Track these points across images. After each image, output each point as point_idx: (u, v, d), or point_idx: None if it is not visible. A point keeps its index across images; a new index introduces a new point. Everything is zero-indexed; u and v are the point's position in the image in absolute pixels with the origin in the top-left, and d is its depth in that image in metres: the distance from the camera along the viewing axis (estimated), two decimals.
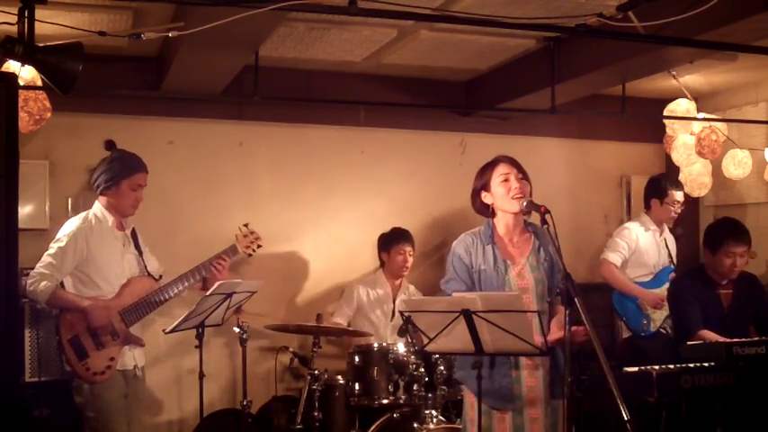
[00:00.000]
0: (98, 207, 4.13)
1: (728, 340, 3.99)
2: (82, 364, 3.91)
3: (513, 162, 3.47)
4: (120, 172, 4.08)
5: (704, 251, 4.57)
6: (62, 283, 4.02)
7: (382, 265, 5.55)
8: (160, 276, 4.28)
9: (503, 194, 3.41)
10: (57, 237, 4.04)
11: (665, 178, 5.53)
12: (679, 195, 5.39)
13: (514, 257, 3.43)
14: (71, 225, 4.06)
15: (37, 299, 3.96)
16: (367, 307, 5.41)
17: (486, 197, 3.48)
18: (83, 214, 4.12)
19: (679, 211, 5.43)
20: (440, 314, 3.07)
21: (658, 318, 5.23)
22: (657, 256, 5.40)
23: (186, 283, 4.25)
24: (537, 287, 3.39)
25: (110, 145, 4.18)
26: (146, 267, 4.24)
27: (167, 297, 4.18)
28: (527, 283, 3.39)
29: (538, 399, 3.34)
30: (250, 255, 4.81)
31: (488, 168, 3.49)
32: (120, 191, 4.09)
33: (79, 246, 3.98)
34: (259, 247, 4.82)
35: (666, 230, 5.52)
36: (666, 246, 5.45)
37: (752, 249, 5.18)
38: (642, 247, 5.37)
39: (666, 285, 5.19)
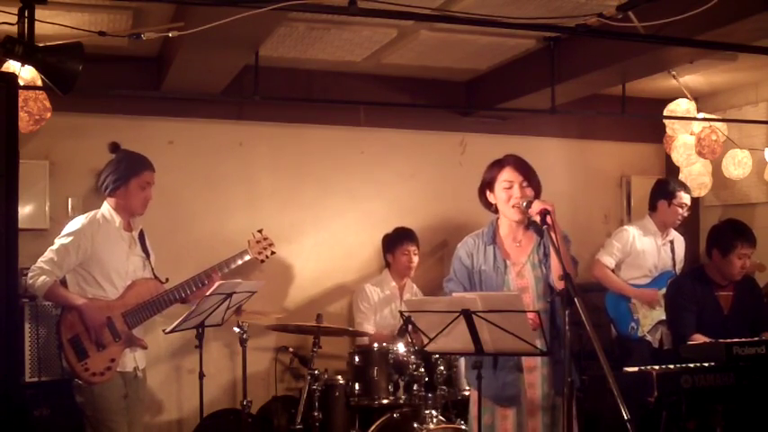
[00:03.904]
0: (106, 208, 4.12)
1: (727, 341, 3.98)
2: (81, 365, 3.90)
3: (519, 167, 3.45)
4: (128, 171, 4.07)
5: (711, 253, 4.55)
6: (66, 281, 4.01)
7: (388, 265, 5.55)
8: (167, 279, 4.26)
9: (503, 201, 3.43)
10: (62, 233, 4.03)
11: (672, 180, 5.52)
12: (686, 198, 5.36)
13: (515, 257, 3.44)
14: (77, 223, 4.04)
15: (35, 293, 3.97)
16: (376, 306, 5.42)
17: (490, 197, 3.50)
18: (90, 213, 4.10)
19: (686, 213, 5.41)
20: (440, 314, 3.07)
21: (647, 323, 5.21)
22: (657, 259, 5.36)
23: (194, 287, 4.22)
24: (537, 286, 3.39)
25: (114, 147, 4.18)
26: (153, 270, 4.23)
27: (172, 299, 4.16)
28: (527, 282, 3.39)
29: (536, 396, 3.34)
30: (263, 261, 4.80)
31: (495, 168, 3.49)
32: (128, 190, 4.08)
33: (83, 244, 3.97)
34: (273, 253, 4.80)
35: (673, 232, 5.49)
36: (672, 250, 5.42)
37: (760, 263, 5.20)
38: (639, 248, 5.34)
39: (665, 289, 5.16)
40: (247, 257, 4.63)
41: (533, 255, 3.43)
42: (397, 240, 5.48)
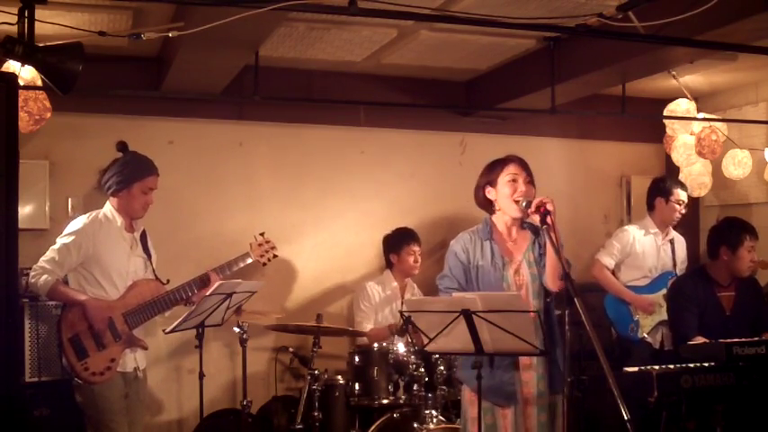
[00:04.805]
0: (108, 208, 4.12)
1: (727, 341, 3.98)
2: (81, 364, 3.90)
3: (523, 164, 3.47)
4: (133, 175, 4.07)
5: (717, 252, 4.54)
6: (67, 281, 4.01)
7: (391, 265, 5.52)
8: (168, 281, 4.25)
9: (507, 195, 3.41)
10: (64, 232, 4.03)
11: (668, 178, 5.53)
12: (683, 194, 5.37)
13: (512, 254, 3.44)
14: (79, 222, 4.05)
15: (37, 292, 3.97)
16: (377, 306, 5.41)
17: (489, 192, 3.48)
18: (93, 213, 4.10)
19: (684, 211, 5.41)
20: (440, 314, 3.07)
21: (647, 324, 5.20)
22: (656, 260, 5.35)
23: (195, 289, 4.21)
24: (534, 283, 3.39)
25: (122, 146, 4.17)
26: (154, 271, 4.23)
27: (173, 300, 4.15)
28: (524, 279, 3.39)
29: (531, 395, 3.34)
30: (265, 264, 4.80)
31: (498, 165, 3.48)
32: (131, 193, 4.08)
33: (84, 243, 3.97)
34: (275, 256, 4.81)
35: (673, 232, 5.48)
36: (672, 250, 5.41)
37: (762, 260, 5.20)
38: (638, 250, 5.34)
39: (664, 291, 5.15)
40: (249, 260, 4.64)
41: (528, 253, 3.43)
42: (402, 240, 5.46)
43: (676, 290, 4.74)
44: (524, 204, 3.32)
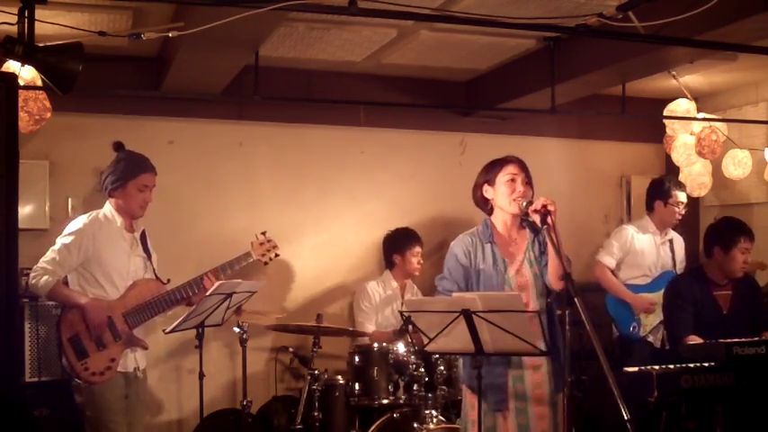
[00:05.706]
0: (108, 208, 4.11)
1: (727, 341, 3.98)
2: (81, 364, 3.89)
3: (522, 165, 3.48)
4: (126, 173, 4.06)
5: (711, 251, 4.55)
6: (67, 281, 4.01)
7: (392, 266, 5.52)
8: (168, 280, 4.25)
9: (505, 194, 3.42)
10: (64, 232, 4.02)
11: (667, 179, 5.52)
12: (682, 196, 5.37)
13: (513, 255, 3.44)
14: (79, 222, 4.04)
15: (38, 293, 3.96)
16: (377, 306, 5.41)
17: (487, 191, 3.49)
18: (93, 213, 4.10)
19: (683, 212, 5.41)
20: (440, 314, 3.07)
21: (649, 323, 5.21)
22: (656, 258, 5.36)
23: (196, 289, 4.20)
24: (536, 283, 3.40)
25: (118, 146, 4.17)
26: (154, 271, 4.22)
27: (174, 300, 4.14)
28: (526, 279, 3.40)
29: (544, 395, 3.33)
30: (266, 263, 4.80)
31: (497, 165, 3.49)
32: (126, 192, 4.07)
33: (84, 243, 3.96)
34: (276, 255, 4.80)
35: (672, 232, 5.48)
36: (672, 249, 5.41)
37: (761, 261, 5.18)
38: (638, 248, 5.35)
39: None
40: (251, 259, 4.64)
41: (528, 252, 3.44)
42: (407, 241, 5.46)
43: (672, 289, 4.74)
44: (524, 205, 3.32)
